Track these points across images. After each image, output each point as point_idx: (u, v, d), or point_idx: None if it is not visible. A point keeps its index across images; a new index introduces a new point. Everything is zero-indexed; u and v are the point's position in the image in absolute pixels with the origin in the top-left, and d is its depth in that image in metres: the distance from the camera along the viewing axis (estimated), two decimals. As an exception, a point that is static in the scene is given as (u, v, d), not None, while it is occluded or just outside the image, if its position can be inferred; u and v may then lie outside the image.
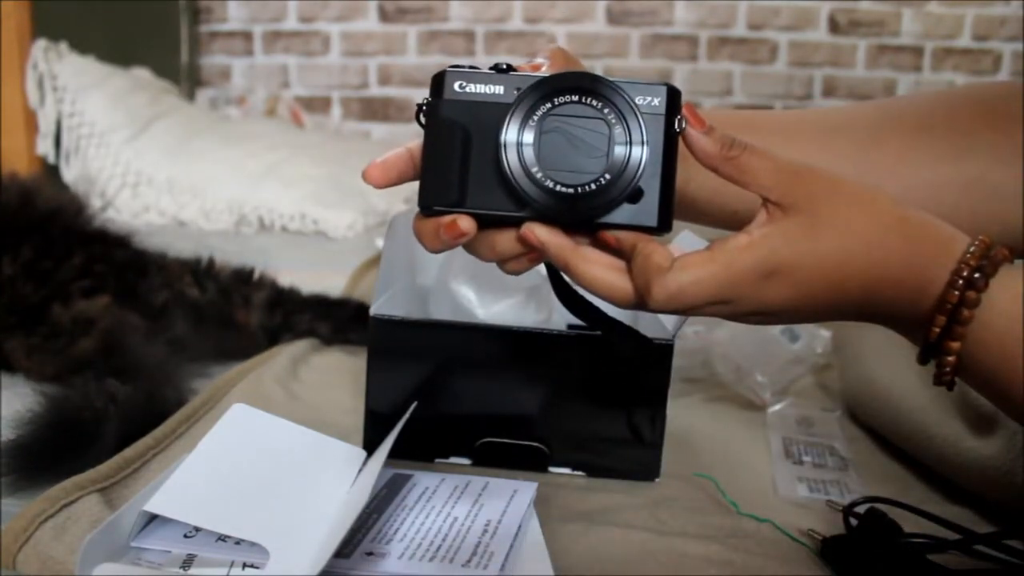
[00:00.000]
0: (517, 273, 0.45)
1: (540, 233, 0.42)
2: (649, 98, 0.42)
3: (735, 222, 0.50)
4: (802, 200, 0.42)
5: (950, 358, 0.42)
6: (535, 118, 0.41)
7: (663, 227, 0.42)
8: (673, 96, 0.42)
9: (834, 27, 2.26)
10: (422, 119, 0.44)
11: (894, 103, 0.61)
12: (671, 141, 0.42)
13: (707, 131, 0.43)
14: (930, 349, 0.42)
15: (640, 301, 0.42)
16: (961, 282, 0.40)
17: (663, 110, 0.42)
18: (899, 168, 0.55)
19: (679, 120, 0.42)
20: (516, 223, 0.42)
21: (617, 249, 0.43)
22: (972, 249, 0.41)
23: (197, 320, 0.84)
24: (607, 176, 0.41)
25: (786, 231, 0.42)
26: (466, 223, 0.43)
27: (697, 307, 0.42)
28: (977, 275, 0.40)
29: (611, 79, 0.42)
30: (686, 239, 0.54)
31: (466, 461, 0.61)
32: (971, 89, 0.59)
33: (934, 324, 0.41)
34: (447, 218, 0.43)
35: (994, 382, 0.42)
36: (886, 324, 0.45)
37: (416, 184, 0.46)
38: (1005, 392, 0.41)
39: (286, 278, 0.93)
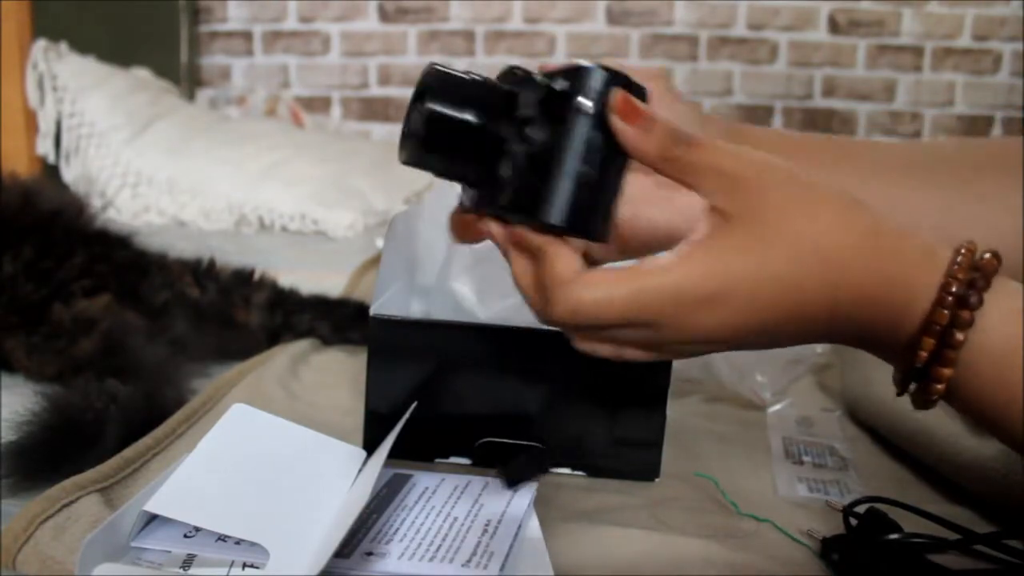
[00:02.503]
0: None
1: (490, 226, 0.41)
2: (567, 83, 0.38)
3: None
4: (749, 208, 0.37)
5: (939, 385, 0.37)
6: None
7: (566, 226, 0.38)
8: (584, 79, 0.38)
9: (834, 27, 2.26)
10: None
11: (991, 142, 0.57)
12: (584, 131, 0.38)
13: (645, 125, 0.38)
14: (915, 375, 0.38)
15: (542, 311, 0.39)
16: (951, 299, 0.36)
17: (590, 98, 0.38)
18: (996, 208, 0.50)
19: (593, 106, 0.38)
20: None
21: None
22: (959, 259, 0.37)
23: (197, 320, 0.84)
24: (508, 174, 0.39)
25: (724, 249, 0.37)
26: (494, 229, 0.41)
27: (606, 327, 0.38)
28: (969, 291, 0.36)
29: (532, 72, 0.40)
30: None
31: (466, 461, 0.61)
32: None
33: (921, 348, 0.37)
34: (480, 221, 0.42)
35: (986, 408, 0.37)
36: (861, 347, 0.40)
37: (415, 185, 0.46)
38: (999, 419, 0.37)
39: (286, 278, 0.93)
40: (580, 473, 0.60)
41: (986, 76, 2.26)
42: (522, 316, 0.74)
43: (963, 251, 0.37)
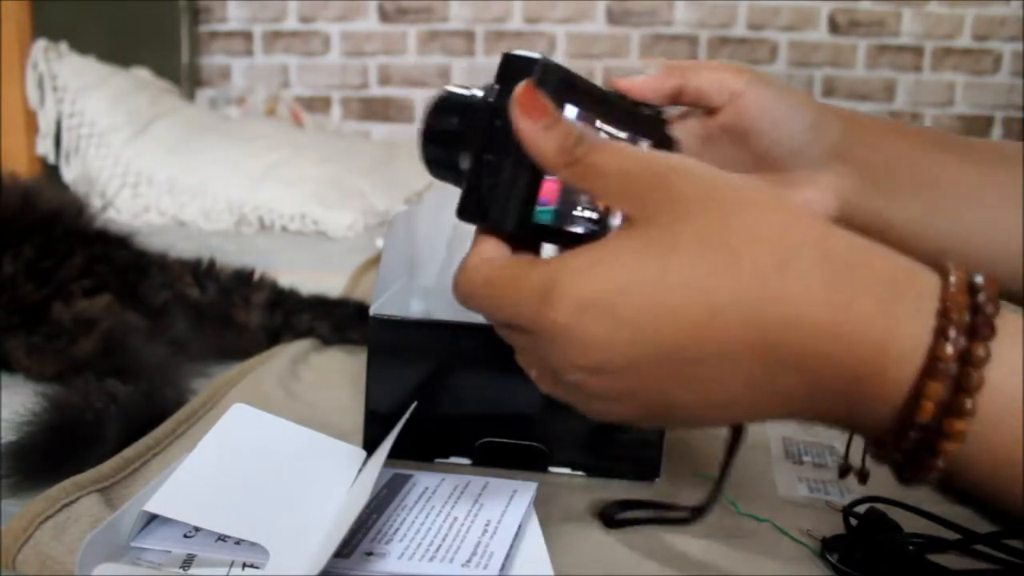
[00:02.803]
0: None
1: None
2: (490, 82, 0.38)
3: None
4: (655, 212, 0.32)
5: (950, 444, 0.29)
6: None
7: (465, 215, 0.38)
8: (506, 69, 0.37)
9: (834, 27, 2.26)
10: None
11: None
12: (484, 119, 0.37)
13: (546, 121, 0.34)
14: (901, 451, 0.31)
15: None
16: (952, 351, 0.28)
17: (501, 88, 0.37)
18: None
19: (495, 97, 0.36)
20: None
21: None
22: (952, 290, 0.30)
23: (197, 320, 0.84)
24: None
25: (615, 250, 0.32)
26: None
27: (500, 324, 0.37)
28: (975, 344, 0.28)
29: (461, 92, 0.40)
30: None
31: (466, 461, 0.61)
32: None
33: (924, 397, 0.29)
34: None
35: (990, 482, 0.30)
36: (818, 417, 0.33)
37: (415, 185, 0.46)
38: (1005, 493, 0.30)
39: (286, 278, 0.93)
40: (580, 473, 0.60)
41: (986, 76, 2.27)
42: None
43: (954, 279, 0.30)
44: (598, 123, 0.41)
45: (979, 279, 0.30)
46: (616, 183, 0.34)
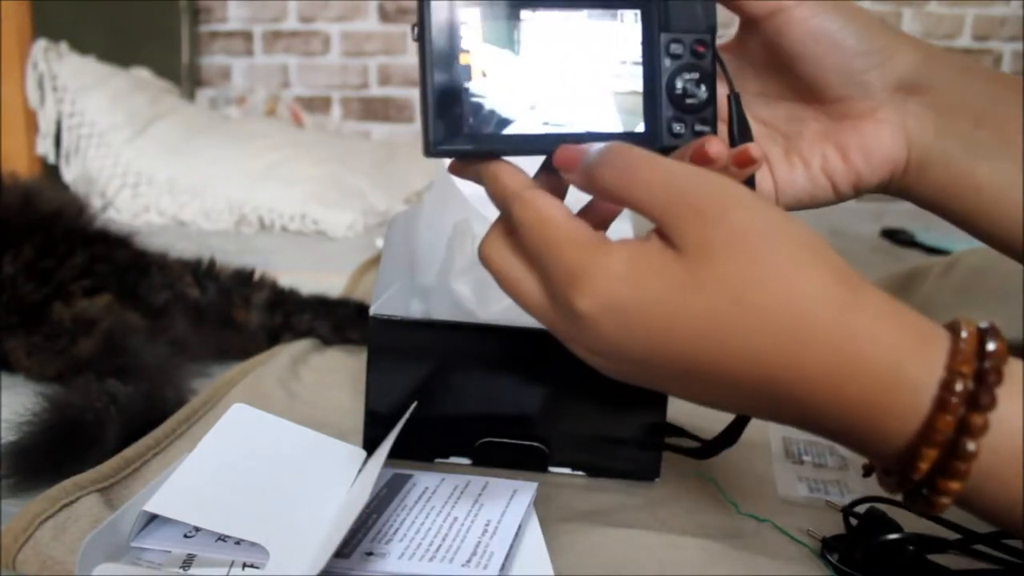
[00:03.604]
0: None
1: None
2: None
3: None
4: (690, 241, 0.33)
5: (944, 499, 0.32)
6: None
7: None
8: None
9: (834, 27, 2.26)
10: None
11: None
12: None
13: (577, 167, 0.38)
14: (913, 489, 0.33)
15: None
16: (956, 400, 0.30)
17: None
18: None
19: None
20: None
21: None
22: (963, 345, 0.31)
23: (197, 320, 0.84)
24: None
25: (653, 265, 0.34)
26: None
27: (497, 276, 0.39)
28: (980, 388, 0.30)
29: None
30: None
31: (466, 461, 0.61)
32: None
33: (919, 459, 0.31)
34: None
35: (1003, 512, 0.32)
36: (827, 437, 0.34)
37: (415, 185, 0.47)
38: (1014, 523, 0.32)
39: (286, 278, 0.93)
40: (580, 473, 0.60)
41: (986, 76, 2.27)
42: (522, 316, 0.74)
43: (964, 334, 0.31)
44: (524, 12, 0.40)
45: (991, 346, 0.31)
46: (653, 202, 0.35)
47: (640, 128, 0.42)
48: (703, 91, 0.43)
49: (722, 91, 0.44)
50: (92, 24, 1.84)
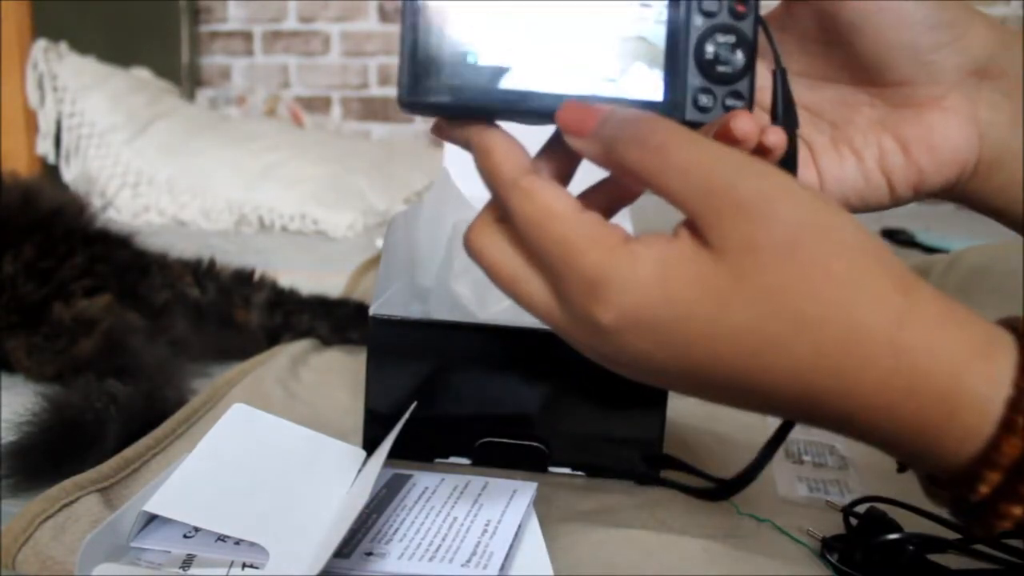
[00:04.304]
0: None
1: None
2: None
3: None
4: (731, 240, 0.29)
5: (1004, 523, 0.29)
6: None
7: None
8: None
9: (834, 27, 2.26)
10: None
11: None
12: None
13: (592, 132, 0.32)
14: (970, 510, 0.30)
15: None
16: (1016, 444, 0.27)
17: None
18: None
19: None
20: None
21: None
22: None
23: (197, 320, 0.84)
24: None
25: (682, 269, 0.30)
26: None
27: (490, 271, 0.33)
28: None
29: None
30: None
31: (466, 461, 0.61)
32: None
33: (980, 481, 0.29)
34: None
35: None
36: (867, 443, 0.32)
37: (415, 185, 0.45)
38: None
39: (286, 278, 0.93)
40: (580, 473, 0.60)
41: (986, 76, 2.26)
42: (522, 316, 0.74)
43: None
44: None
45: None
46: (692, 195, 0.30)
47: (659, 96, 0.36)
48: (739, 58, 0.36)
49: (762, 66, 0.37)
50: (92, 24, 1.84)
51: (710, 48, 0.36)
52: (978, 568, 0.48)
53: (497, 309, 0.70)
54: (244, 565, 0.45)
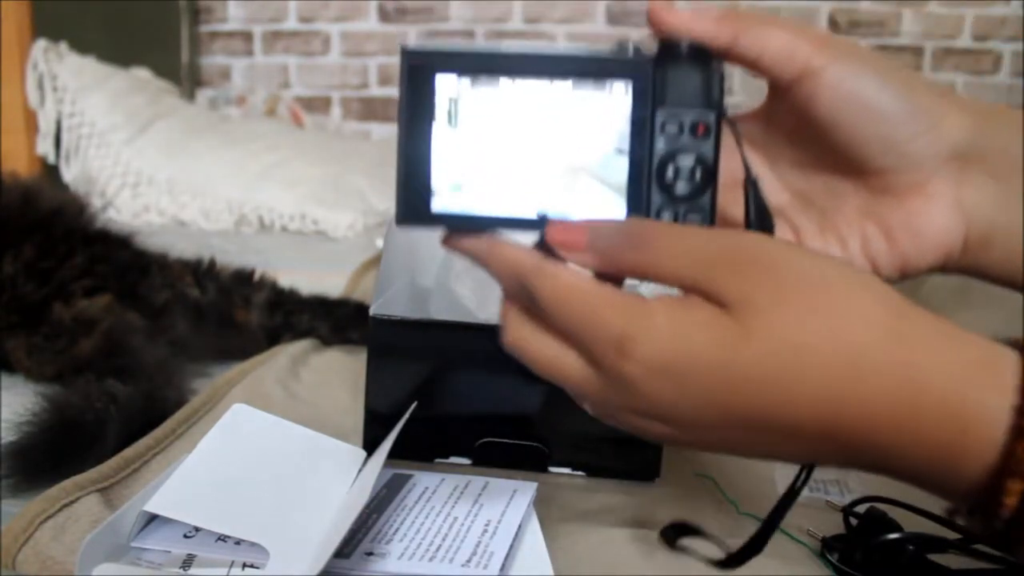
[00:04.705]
0: None
1: None
2: None
3: None
4: (731, 296, 0.32)
5: None
6: None
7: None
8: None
9: (834, 27, 2.26)
10: None
11: None
12: None
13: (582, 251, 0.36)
14: (1003, 527, 0.30)
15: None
16: None
17: None
18: None
19: None
20: None
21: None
22: None
23: (197, 320, 0.84)
24: None
25: (698, 322, 0.32)
26: None
27: (534, 362, 0.37)
28: None
29: None
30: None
31: (466, 461, 0.61)
32: None
33: (1003, 493, 0.29)
34: None
35: None
36: (888, 475, 0.33)
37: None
38: None
39: (286, 278, 0.93)
40: (580, 473, 0.60)
41: (986, 76, 2.26)
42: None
43: None
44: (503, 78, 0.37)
45: None
46: (686, 266, 0.33)
47: (621, 214, 0.38)
48: (698, 179, 0.38)
49: (732, 166, 0.39)
50: (92, 24, 1.84)
51: (671, 170, 0.38)
52: (978, 568, 0.48)
53: (496, 309, 0.70)
54: (244, 565, 0.45)
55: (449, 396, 0.60)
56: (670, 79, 0.37)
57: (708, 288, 0.33)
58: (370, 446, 0.54)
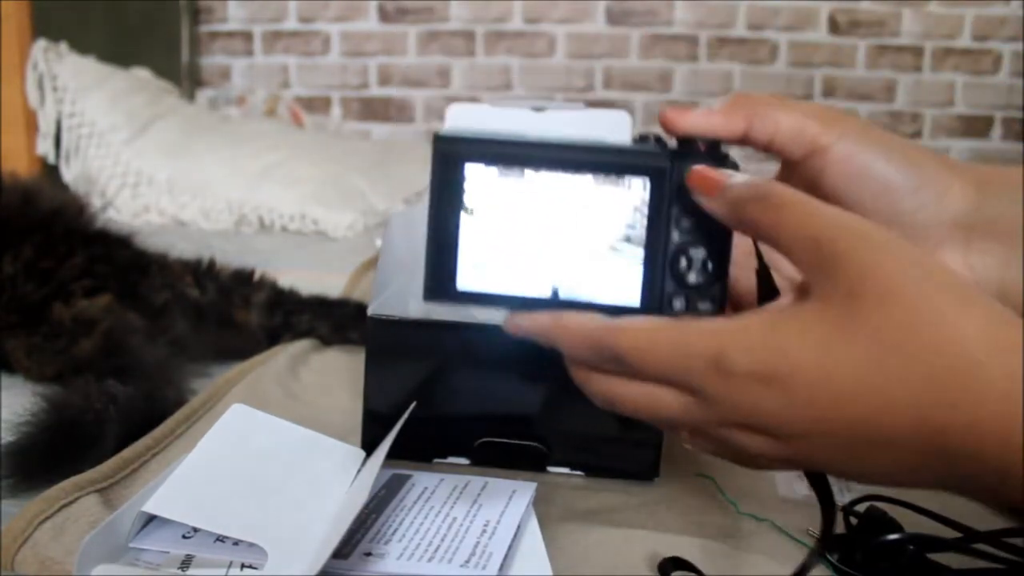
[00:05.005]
0: None
1: None
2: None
3: None
4: (839, 290, 0.32)
5: None
6: None
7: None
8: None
9: (834, 27, 2.26)
10: None
11: None
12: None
13: (718, 190, 0.36)
14: None
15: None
16: None
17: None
18: None
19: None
20: None
21: None
22: None
23: (197, 320, 0.84)
24: None
25: (790, 323, 0.33)
26: None
27: (649, 378, 0.36)
28: None
29: None
30: None
31: (465, 461, 0.61)
32: None
33: None
34: None
35: None
36: (969, 495, 0.33)
37: (416, 185, 0.46)
38: None
39: (286, 278, 0.93)
40: (579, 473, 0.60)
41: (986, 76, 2.26)
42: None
43: None
44: (528, 171, 0.40)
45: None
46: (798, 244, 0.33)
47: (636, 301, 0.40)
48: (711, 269, 0.39)
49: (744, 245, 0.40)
50: (92, 24, 1.84)
51: (684, 262, 0.40)
52: (978, 568, 0.48)
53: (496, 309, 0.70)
54: (243, 566, 0.45)
55: (448, 396, 0.60)
56: (685, 175, 0.39)
57: (812, 272, 0.33)
58: (369, 446, 0.54)
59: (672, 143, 0.41)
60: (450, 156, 0.40)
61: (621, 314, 0.38)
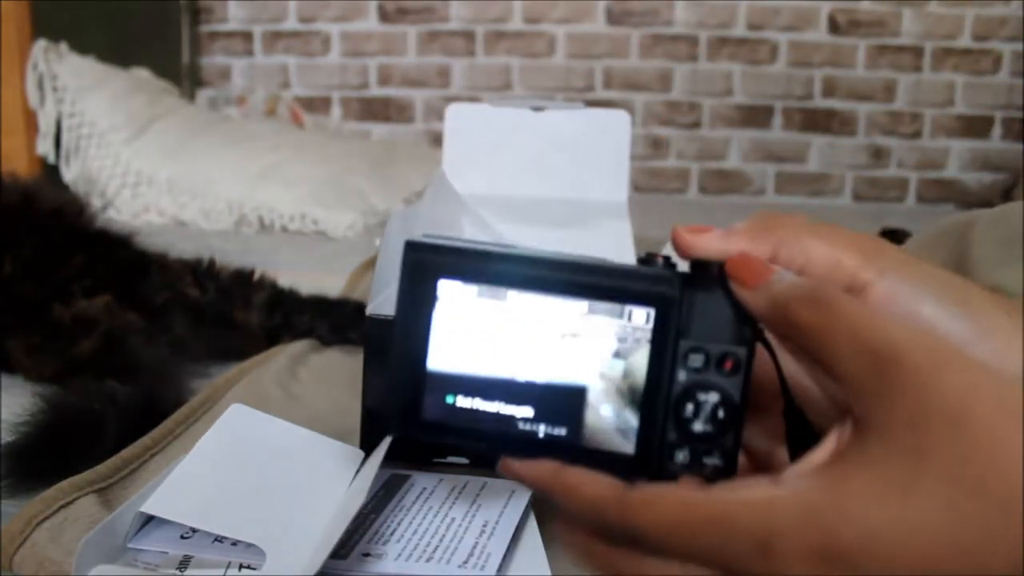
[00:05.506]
0: None
1: None
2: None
3: None
4: (899, 422, 0.27)
5: None
6: None
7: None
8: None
9: (834, 27, 2.26)
10: None
11: None
12: None
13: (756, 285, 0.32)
14: None
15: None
16: None
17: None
18: None
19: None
20: None
21: None
22: None
23: (197, 320, 0.84)
24: None
25: (848, 479, 0.27)
26: None
27: (674, 552, 0.29)
28: None
29: None
30: None
31: (464, 461, 0.61)
32: None
33: None
34: None
35: None
36: None
37: (415, 185, 0.45)
38: None
39: (286, 278, 0.93)
40: (578, 474, 0.60)
41: (986, 76, 2.26)
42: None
43: None
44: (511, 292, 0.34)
45: None
46: (847, 355, 0.28)
47: (630, 448, 0.34)
48: (721, 418, 0.33)
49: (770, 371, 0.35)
50: (92, 24, 1.84)
51: (690, 407, 0.33)
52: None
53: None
54: (241, 566, 0.45)
55: (447, 396, 0.60)
56: (698, 306, 0.33)
57: (870, 391, 0.28)
58: (368, 446, 0.54)
59: (683, 265, 0.35)
60: (423, 269, 0.34)
61: (610, 463, 0.33)
